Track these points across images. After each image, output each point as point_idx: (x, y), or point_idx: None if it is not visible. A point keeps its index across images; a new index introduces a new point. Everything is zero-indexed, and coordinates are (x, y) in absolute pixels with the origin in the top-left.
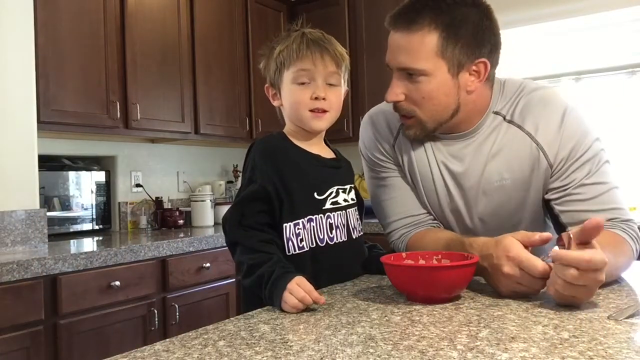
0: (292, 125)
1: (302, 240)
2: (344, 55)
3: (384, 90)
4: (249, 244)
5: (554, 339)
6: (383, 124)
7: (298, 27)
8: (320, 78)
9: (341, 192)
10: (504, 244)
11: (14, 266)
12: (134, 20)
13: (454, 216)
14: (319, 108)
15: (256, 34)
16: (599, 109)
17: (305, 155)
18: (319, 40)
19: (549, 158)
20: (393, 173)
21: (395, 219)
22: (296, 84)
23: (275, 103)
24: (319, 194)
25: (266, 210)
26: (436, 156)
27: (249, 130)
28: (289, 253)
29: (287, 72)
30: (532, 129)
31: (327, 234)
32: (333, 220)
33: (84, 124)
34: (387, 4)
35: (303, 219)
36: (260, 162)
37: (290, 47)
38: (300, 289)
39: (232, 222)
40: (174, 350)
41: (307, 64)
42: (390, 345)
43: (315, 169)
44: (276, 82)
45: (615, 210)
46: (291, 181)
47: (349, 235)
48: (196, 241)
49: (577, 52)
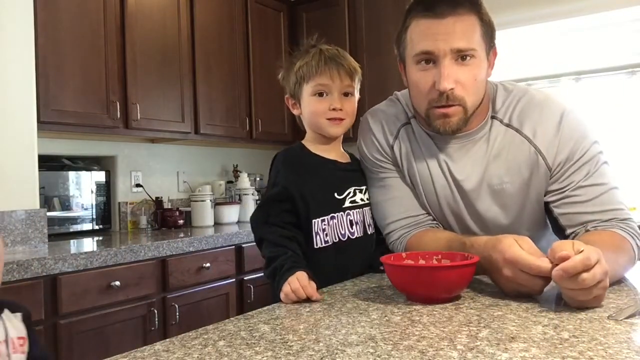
0: (311, 132)
1: (327, 235)
2: (357, 68)
3: (384, 90)
4: (272, 239)
5: (554, 339)
6: (382, 125)
7: (314, 43)
8: (336, 91)
9: (358, 192)
10: (501, 245)
11: (14, 266)
12: (134, 20)
13: (454, 217)
14: (336, 117)
15: (256, 34)
16: (599, 109)
17: (323, 161)
18: (335, 57)
19: (548, 161)
20: (392, 174)
21: (393, 219)
22: (315, 96)
23: (295, 112)
24: (339, 194)
25: (290, 210)
26: (436, 158)
27: (249, 130)
28: (316, 246)
29: (307, 86)
30: (530, 133)
31: (348, 229)
32: (352, 217)
33: (84, 124)
34: (387, 4)
35: (327, 217)
36: (283, 169)
37: (309, 63)
38: (297, 282)
39: (259, 220)
40: (174, 350)
41: (325, 79)
42: (390, 345)
43: (333, 172)
44: (296, 94)
45: (614, 211)
46: (313, 184)
47: (364, 231)
48: (196, 241)
49: (577, 52)
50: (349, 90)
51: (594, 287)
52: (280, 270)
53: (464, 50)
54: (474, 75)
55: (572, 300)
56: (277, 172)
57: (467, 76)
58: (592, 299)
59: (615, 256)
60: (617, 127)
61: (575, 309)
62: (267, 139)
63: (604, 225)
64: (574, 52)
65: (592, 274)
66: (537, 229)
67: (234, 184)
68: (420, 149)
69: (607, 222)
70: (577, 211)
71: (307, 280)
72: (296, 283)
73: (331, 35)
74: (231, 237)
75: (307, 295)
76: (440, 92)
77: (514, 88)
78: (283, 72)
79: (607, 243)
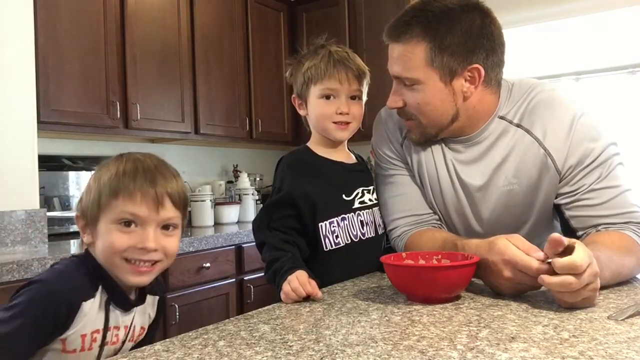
0: (317, 134)
1: (338, 237)
2: (366, 71)
3: (384, 90)
4: (272, 243)
5: (554, 339)
6: (394, 123)
7: (324, 43)
8: (344, 95)
9: (366, 193)
10: (497, 247)
11: (14, 266)
12: (134, 20)
13: (459, 218)
14: (342, 121)
15: (256, 34)
16: (599, 109)
17: (328, 163)
18: (344, 60)
19: (557, 165)
20: (400, 171)
21: (398, 216)
22: (322, 99)
23: (302, 112)
24: (347, 195)
25: (293, 215)
26: (443, 158)
27: (249, 130)
28: (326, 249)
29: (314, 88)
30: (541, 135)
31: (359, 230)
32: (363, 217)
33: (84, 124)
34: (387, 4)
35: (337, 218)
36: (288, 173)
37: (318, 65)
38: (297, 281)
39: (261, 224)
40: (174, 350)
41: (333, 83)
42: (390, 345)
43: (340, 173)
44: (303, 95)
45: (627, 214)
46: (320, 187)
47: (375, 231)
48: (196, 241)
49: (577, 52)
50: (357, 94)
51: (582, 289)
52: (280, 271)
53: (400, 77)
54: (417, 101)
55: (561, 301)
56: (282, 176)
57: (411, 100)
58: (581, 301)
59: (620, 258)
60: (617, 127)
61: (575, 309)
62: (267, 139)
63: (617, 227)
64: (574, 52)
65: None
66: (542, 226)
67: (234, 184)
68: (428, 149)
69: (621, 225)
70: (589, 214)
71: (306, 278)
72: (296, 282)
73: (331, 35)
74: (231, 237)
75: (307, 294)
76: None
77: (531, 85)
78: (291, 70)
79: (615, 244)
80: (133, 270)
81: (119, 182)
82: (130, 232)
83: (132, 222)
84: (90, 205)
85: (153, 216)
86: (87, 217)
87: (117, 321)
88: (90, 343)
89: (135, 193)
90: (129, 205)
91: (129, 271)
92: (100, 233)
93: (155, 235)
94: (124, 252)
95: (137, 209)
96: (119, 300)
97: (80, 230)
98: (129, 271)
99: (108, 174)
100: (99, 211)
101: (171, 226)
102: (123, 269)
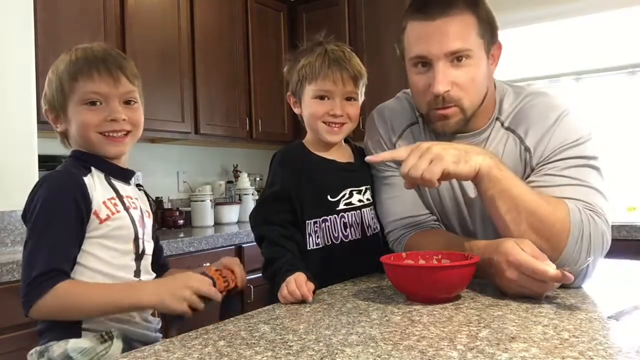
0: (310, 133)
1: (318, 237)
2: (362, 72)
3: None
4: (271, 237)
5: (554, 339)
6: (387, 122)
7: (322, 40)
8: (338, 97)
9: (355, 194)
10: (504, 248)
11: (14, 266)
12: (134, 20)
13: (456, 218)
14: (335, 122)
15: (256, 34)
16: (599, 109)
17: (319, 161)
18: (340, 60)
19: (533, 161)
20: (395, 172)
21: (394, 218)
22: (316, 99)
23: (296, 111)
24: (332, 196)
25: (288, 210)
26: None
27: (249, 130)
28: (308, 248)
29: (309, 87)
30: (523, 133)
31: (342, 232)
32: (347, 219)
33: None
34: (387, 4)
35: (319, 219)
36: (280, 168)
37: (313, 64)
38: (294, 284)
39: (258, 219)
40: (174, 350)
41: (328, 84)
42: (390, 345)
43: (330, 173)
44: (297, 93)
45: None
46: (306, 185)
47: (363, 233)
48: (196, 241)
49: (577, 52)
50: (352, 95)
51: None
52: (279, 272)
53: (458, 51)
54: (471, 76)
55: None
56: (275, 171)
57: (464, 77)
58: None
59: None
60: (617, 127)
61: (575, 309)
62: (267, 139)
63: None
64: (574, 52)
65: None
66: None
67: (234, 184)
68: None
69: None
70: None
71: (304, 281)
72: (293, 285)
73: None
74: (231, 237)
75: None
76: (435, 95)
77: (524, 92)
78: (288, 66)
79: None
80: (109, 141)
81: (75, 66)
82: (98, 109)
83: (97, 101)
84: (55, 94)
85: (113, 91)
86: (55, 106)
87: (125, 190)
88: (114, 207)
89: (92, 73)
90: (90, 84)
91: (106, 142)
92: (72, 116)
93: (121, 107)
94: (97, 127)
95: (97, 87)
96: (114, 172)
97: (52, 123)
98: (106, 142)
99: (63, 63)
100: (64, 98)
101: (132, 100)
102: (100, 142)
